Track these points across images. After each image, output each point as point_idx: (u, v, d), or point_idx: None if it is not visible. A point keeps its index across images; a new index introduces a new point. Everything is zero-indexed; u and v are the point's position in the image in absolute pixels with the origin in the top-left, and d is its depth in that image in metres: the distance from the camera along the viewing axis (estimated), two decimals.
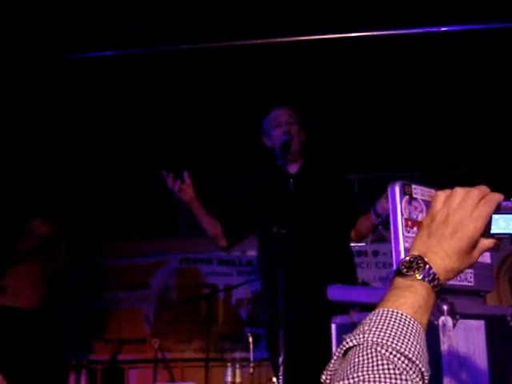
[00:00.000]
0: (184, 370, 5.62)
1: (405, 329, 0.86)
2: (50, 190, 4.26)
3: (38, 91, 4.54)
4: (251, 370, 4.52)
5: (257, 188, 3.17)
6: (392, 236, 1.63)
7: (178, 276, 5.98)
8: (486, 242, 1.00)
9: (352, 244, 3.14)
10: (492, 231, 0.99)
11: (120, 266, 6.00)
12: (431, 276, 0.94)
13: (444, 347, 1.46)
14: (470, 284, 1.62)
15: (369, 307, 1.83)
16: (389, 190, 1.67)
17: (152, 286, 5.94)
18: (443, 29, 4.08)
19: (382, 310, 0.90)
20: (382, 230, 2.76)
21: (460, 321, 1.52)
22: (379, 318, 0.88)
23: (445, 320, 1.49)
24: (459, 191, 1.00)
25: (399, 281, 0.96)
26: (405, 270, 0.95)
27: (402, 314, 0.88)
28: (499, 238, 1.00)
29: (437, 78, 4.66)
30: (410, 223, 1.63)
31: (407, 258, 0.97)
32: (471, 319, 1.58)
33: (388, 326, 0.86)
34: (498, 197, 0.99)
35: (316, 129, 3.37)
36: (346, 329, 1.81)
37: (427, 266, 0.95)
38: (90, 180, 5.66)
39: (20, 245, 3.85)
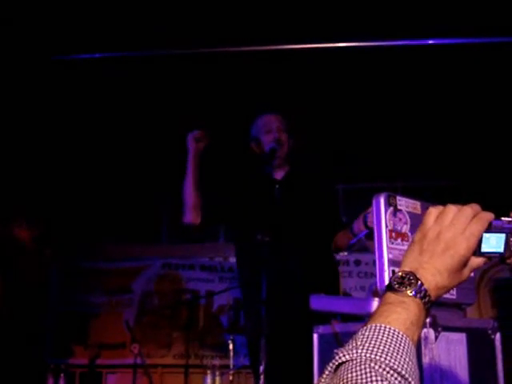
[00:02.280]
0: (163, 376, 5.59)
1: (397, 345, 0.85)
2: (35, 195, 4.23)
3: (27, 95, 4.51)
4: (231, 378, 4.50)
5: (242, 191, 3.12)
6: (376, 247, 1.63)
7: (160, 281, 5.94)
8: (477, 261, 1.00)
9: None
10: (483, 250, 0.99)
11: (102, 269, 5.95)
12: (423, 293, 0.94)
13: (426, 360, 1.47)
14: (452, 297, 1.63)
15: (351, 317, 1.84)
16: (373, 201, 1.67)
17: (134, 290, 5.90)
18: (430, 42, 4.12)
19: (374, 325, 0.89)
20: (364, 240, 2.76)
21: (442, 333, 1.52)
22: (372, 333, 0.87)
23: (427, 332, 1.50)
24: (451, 208, 1.00)
25: (391, 296, 0.95)
26: (397, 286, 0.95)
27: (394, 330, 0.87)
28: (489, 256, 1.00)
29: (424, 88, 4.70)
30: (394, 235, 1.63)
31: (399, 274, 0.96)
32: (453, 332, 1.59)
33: (381, 342, 0.85)
34: (489, 215, 0.99)
35: (303, 136, 3.37)
36: (328, 338, 1.81)
37: (419, 283, 0.94)
38: (73, 184, 5.61)
39: (5, 249, 3.81)
